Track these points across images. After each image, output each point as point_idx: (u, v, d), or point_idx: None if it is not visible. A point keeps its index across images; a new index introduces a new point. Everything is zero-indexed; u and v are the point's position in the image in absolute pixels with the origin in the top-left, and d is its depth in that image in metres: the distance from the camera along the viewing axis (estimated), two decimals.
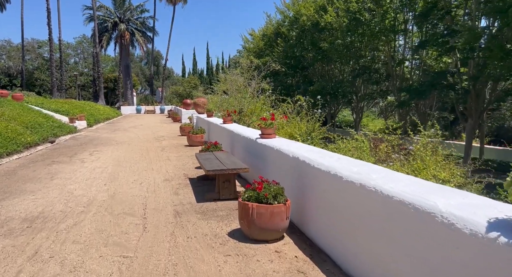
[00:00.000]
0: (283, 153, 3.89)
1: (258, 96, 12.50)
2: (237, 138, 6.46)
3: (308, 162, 3.20)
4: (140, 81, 66.63)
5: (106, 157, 8.16)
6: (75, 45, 54.05)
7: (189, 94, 33.45)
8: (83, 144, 10.67)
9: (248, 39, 30.06)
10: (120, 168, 6.89)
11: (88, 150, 9.43)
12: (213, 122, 9.63)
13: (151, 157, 8.26)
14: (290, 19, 22.92)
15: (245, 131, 6.15)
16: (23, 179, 5.90)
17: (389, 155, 5.51)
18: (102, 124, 19.70)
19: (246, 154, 5.75)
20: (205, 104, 13.49)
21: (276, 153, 4.16)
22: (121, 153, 8.80)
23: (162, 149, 9.58)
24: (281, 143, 4.46)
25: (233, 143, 6.83)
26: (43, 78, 43.47)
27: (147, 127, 17.26)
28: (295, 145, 4.17)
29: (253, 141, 5.29)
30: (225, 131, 7.73)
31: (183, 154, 8.64)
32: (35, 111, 13.33)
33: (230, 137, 7.12)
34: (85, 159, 7.87)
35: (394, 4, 15.69)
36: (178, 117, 21.34)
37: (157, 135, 13.27)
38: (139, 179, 5.93)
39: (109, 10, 37.88)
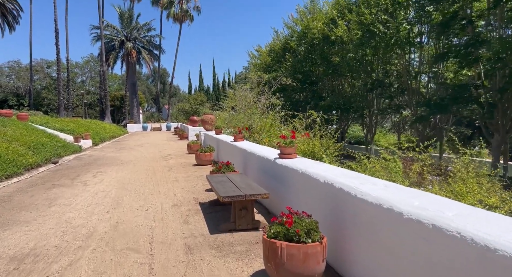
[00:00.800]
0: (310, 177, 3.35)
1: (268, 112, 12.05)
2: (251, 158, 5.93)
3: (348, 190, 2.65)
4: (146, 99, 66.97)
5: (110, 179, 7.66)
6: (82, 64, 54.70)
7: (196, 111, 33.22)
8: (87, 164, 10.21)
9: (254, 55, 29.94)
10: (125, 191, 6.37)
11: (92, 171, 8.95)
12: (223, 140, 9.13)
13: (158, 178, 7.74)
14: (299, 34, 22.66)
15: (260, 150, 5.63)
16: (18, 206, 5.40)
17: (423, 176, 4.93)
18: (108, 142, 19.34)
19: (262, 175, 5.21)
20: (213, 121, 13.05)
21: (301, 177, 3.62)
22: (126, 174, 8.30)
23: (169, 169, 9.07)
24: (305, 164, 3.92)
25: (247, 162, 6.30)
26: (51, 97, 43.73)
27: (153, 145, 16.84)
28: (322, 167, 3.63)
29: (271, 162, 4.76)
30: (237, 149, 7.22)
31: (192, 174, 8.12)
32: (39, 131, 12.99)
33: (242, 156, 6.60)
34: (88, 181, 7.37)
35: (409, 15, 15.27)
36: (185, 134, 20.94)
37: (164, 154, 12.80)
38: (145, 204, 5.39)
39: (116, 29, 38.27)
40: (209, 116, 13.33)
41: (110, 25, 37.59)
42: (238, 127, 8.08)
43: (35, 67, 48.83)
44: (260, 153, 5.43)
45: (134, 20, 38.80)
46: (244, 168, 6.43)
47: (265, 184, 4.85)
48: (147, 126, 33.59)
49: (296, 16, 23.66)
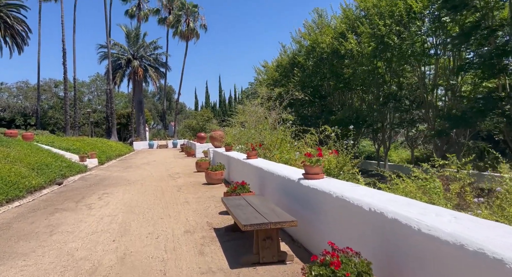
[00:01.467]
0: (350, 203, 2.86)
1: (279, 128, 11.64)
2: (269, 177, 5.46)
3: (406, 223, 2.16)
4: (152, 116, 67.19)
5: (117, 201, 7.21)
6: (89, 83, 55.22)
7: (202, 127, 32.93)
8: (92, 185, 9.79)
9: (261, 71, 29.81)
10: (132, 215, 5.90)
11: (97, 192, 8.51)
12: (234, 157, 8.68)
13: (167, 199, 7.27)
14: (307, 49, 22.45)
15: (280, 170, 5.15)
16: (17, 234, 4.95)
17: (465, 198, 4.40)
18: (114, 161, 18.99)
19: (284, 197, 4.72)
20: (222, 137, 12.64)
21: (336, 202, 3.14)
22: (133, 195, 7.85)
23: (179, 189, 8.61)
24: (338, 186, 3.45)
25: (264, 182, 5.82)
26: (57, 116, 43.91)
27: (160, 163, 16.43)
28: (361, 191, 3.14)
29: (294, 183, 4.28)
30: (251, 168, 6.76)
31: (203, 195, 7.64)
32: (44, 151, 12.66)
33: (258, 175, 6.12)
34: (93, 205, 6.92)
35: (423, 27, 14.93)
36: (192, 151, 20.55)
37: (172, 172, 12.37)
38: (154, 231, 4.91)
39: (122, 47, 38.61)
40: (218, 132, 12.93)
41: (117, 44, 37.97)
42: (251, 144, 7.64)
43: (43, 86, 49.35)
44: (280, 172, 4.96)
45: (140, 39, 39.17)
46: (261, 188, 5.95)
47: (288, 208, 4.36)
48: (154, 143, 33.34)
49: (304, 30, 23.59)
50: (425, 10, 14.53)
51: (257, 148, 7.68)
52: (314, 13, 22.70)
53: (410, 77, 17.51)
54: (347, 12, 19.73)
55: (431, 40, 15.49)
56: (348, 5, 19.95)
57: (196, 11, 40.24)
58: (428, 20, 15.11)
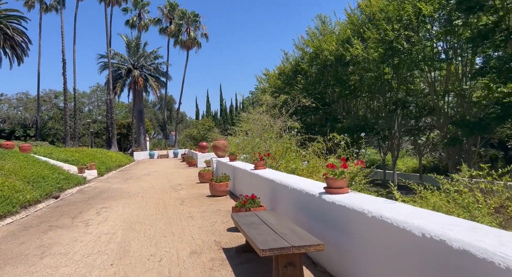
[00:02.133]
0: (395, 226, 2.38)
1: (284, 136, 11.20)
2: (282, 191, 4.98)
3: (484, 257, 1.68)
4: (153, 126, 66.90)
5: (116, 217, 6.71)
6: (89, 93, 55.03)
7: (204, 137, 32.50)
8: (90, 199, 9.29)
9: (263, 79, 29.51)
10: (133, 233, 5.41)
11: (96, 206, 8.02)
12: (240, 167, 8.21)
13: (170, 214, 6.77)
14: (310, 55, 22.09)
15: (295, 182, 4.67)
16: (4, 257, 4.45)
17: (509, 214, 3.92)
18: (114, 172, 18.49)
19: (301, 214, 4.24)
20: (226, 146, 12.18)
21: (374, 223, 2.65)
22: (134, 210, 7.35)
23: (182, 202, 8.11)
24: (369, 202, 2.97)
25: (276, 196, 5.33)
26: (57, 127, 43.60)
27: (161, 174, 15.94)
28: (404, 209, 2.66)
29: (314, 198, 3.81)
30: (260, 180, 6.28)
31: (208, 209, 7.14)
32: (41, 163, 12.19)
33: (269, 188, 5.64)
34: (90, 221, 6.42)
35: (432, 30, 14.50)
36: (194, 161, 20.06)
37: (174, 184, 11.88)
38: (157, 252, 4.41)
39: (123, 57, 38.42)
40: (221, 141, 12.48)
41: (117, 54, 37.80)
42: (259, 153, 7.18)
43: (43, 97, 49.14)
44: (295, 186, 4.48)
45: (141, 48, 39.02)
46: (272, 202, 5.46)
47: (308, 227, 3.87)
48: (154, 153, 32.86)
49: (307, 38, 23.26)
50: (435, 13, 14.09)
51: (266, 158, 7.21)
52: (317, 20, 22.47)
53: (418, 83, 17.06)
54: (352, 17, 19.39)
55: (441, 45, 15.07)
56: (353, 10, 19.63)
57: (197, 21, 40.20)
58: (439, 24, 14.70)
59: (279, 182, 5.12)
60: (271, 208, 5.42)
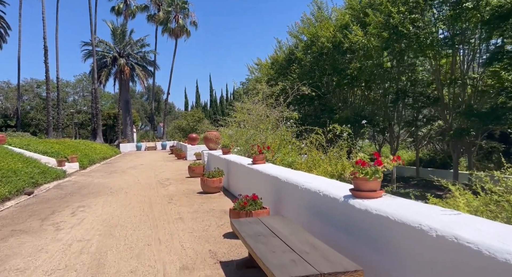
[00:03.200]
0: (487, 256, 1.61)
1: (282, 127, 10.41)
2: (289, 190, 4.19)
3: None
4: (140, 117, 65.37)
5: (94, 218, 5.84)
6: (75, 83, 53.16)
7: (193, 128, 31.47)
8: (68, 195, 8.36)
9: (255, 68, 28.44)
10: (111, 240, 4.56)
11: (72, 205, 7.12)
12: (236, 161, 7.39)
13: (156, 214, 5.94)
14: (306, 43, 21.07)
15: (306, 181, 3.88)
16: None
17: None
18: (98, 165, 17.46)
19: (316, 221, 3.46)
20: (218, 138, 11.34)
21: (441, 245, 1.88)
22: (115, 209, 6.49)
23: (170, 200, 7.28)
24: (413, 210, 2.21)
25: (281, 196, 4.55)
26: (39, 117, 41.87)
27: (148, 167, 15.00)
28: (485, 226, 1.90)
29: (338, 202, 3.03)
30: (260, 176, 5.49)
31: (200, 208, 6.33)
32: (14, 155, 11.16)
33: (272, 187, 4.85)
34: (63, 223, 5.54)
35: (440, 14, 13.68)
36: (183, 154, 19.16)
37: (161, 178, 11.01)
38: (139, 267, 3.59)
39: (108, 45, 36.83)
40: (213, 133, 11.63)
41: (102, 41, 36.19)
42: (258, 146, 6.37)
43: (25, 86, 47.19)
44: (308, 185, 3.70)
45: (127, 36, 37.45)
46: (277, 203, 4.67)
47: (329, 240, 3.09)
48: (141, 145, 31.74)
49: (302, 25, 22.22)
50: None
51: (265, 151, 6.40)
52: (313, 6, 21.43)
53: (419, 72, 16.31)
54: (352, 1, 18.43)
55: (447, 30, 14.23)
56: None
57: (186, 8, 38.78)
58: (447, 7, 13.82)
59: (285, 180, 4.33)
60: (275, 210, 4.64)
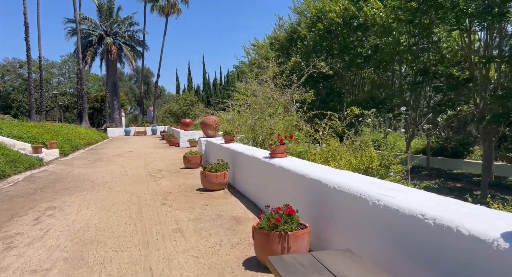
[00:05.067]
0: None
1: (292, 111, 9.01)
2: (350, 205, 2.78)
3: None
4: (129, 100, 63.14)
5: (63, 228, 4.41)
6: (60, 64, 50.44)
7: (185, 113, 29.78)
8: (38, 191, 6.88)
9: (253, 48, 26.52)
10: (80, 271, 3.15)
11: (40, 205, 5.65)
12: (245, 153, 5.96)
13: (147, 224, 4.53)
14: (311, 19, 19.23)
15: (386, 193, 2.48)
16: None
17: None
18: (82, 151, 15.87)
19: (410, 265, 2.08)
20: (217, 124, 9.89)
21: None
22: (94, 214, 5.06)
23: (164, 200, 5.87)
24: None
25: (326, 209, 3.16)
26: (21, 99, 39.48)
27: (137, 155, 13.49)
28: None
29: (463, 238, 1.64)
30: (286, 176, 4.10)
31: (203, 213, 4.93)
32: None
33: (311, 194, 3.45)
34: (18, 238, 4.10)
35: None
36: (175, 140, 17.64)
37: (152, 169, 9.56)
38: None
39: (93, 22, 34.43)
40: (212, 118, 10.15)
41: (87, 18, 33.77)
42: (278, 135, 4.95)
43: (6, 66, 44.53)
44: (390, 201, 2.30)
45: (114, 13, 35.08)
46: (318, 219, 3.28)
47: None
48: (130, 130, 30.04)
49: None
50: None
51: (287, 140, 4.99)
52: None
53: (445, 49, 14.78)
54: None
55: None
56: None
57: None
58: None
59: (337, 187, 2.94)
60: (316, 229, 3.26)
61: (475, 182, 16.23)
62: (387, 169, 6.97)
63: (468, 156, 18.54)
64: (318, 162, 7.18)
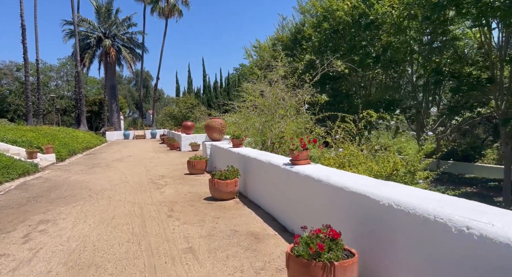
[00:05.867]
0: None
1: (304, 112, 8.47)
2: (429, 235, 2.20)
3: None
4: (128, 103, 62.57)
5: (56, 247, 3.82)
6: (59, 67, 49.87)
7: (186, 116, 29.19)
8: (31, 201, 6.28)
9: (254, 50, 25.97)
10: None
11: (31, 218, 5.06)
12: (260, 159, 5.37)
13: (152, 242, 3.94)
14: (317, 19, 18.59)
15: (476, 217, 1.90)
16: None
17: None
18: (80, 156, 15.27)
19: None
20: (224, 127, 9.32)
21: None
22: (92, 229, 4.47)
23: (170, 211, 5.28)
24: None
25: (378, 231, 2.58)
26: (18, 102, 38.88)
27: (138, 159, 12.90)
28: None
29: None
30: (314, 186, 3.53)
31: (215, 229, 4.34)
32: None
33: (354, 211, 2.87)
34: (2, 261, 3.50)
35: None
36: (176, 144, 17.06)
37: (154, 175, 8.98)
38: None
39: (92, 24, 33.86)
40: (217, 120, 9.57)
41: (85, 20, 33.21)
42: (301, 139, 4.38)
43: (3, 70, 43.96)
44: (495, 233, 1.73)
45: (112, 15, 34.52)
46: (368, 244, 2.70)
47: None
48: (129, 134, 29.43)
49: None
50: None
51: (310, 145, 4.41)
52: None
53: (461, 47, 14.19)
54: None
55: None
56: None
57: None
58: None
59: (399, 206, 2.36)
60: (361, 254, 2.67)
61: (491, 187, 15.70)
62: (412, 175, 6.42)
63: (480, 160, 18.02)
64: (332, 167, 6.62)
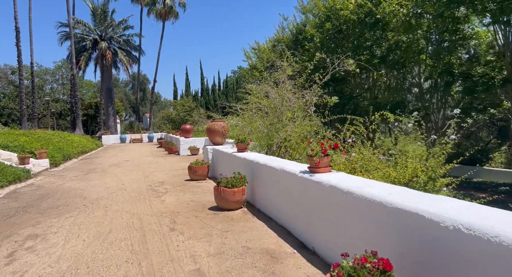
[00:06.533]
0: None
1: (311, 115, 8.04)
2: None
3: None
4: (124, 107, 61.96)
5: (44, 269, 3.34)
6: (54, 70, 49.26)
7: (184, 119, 28.69)
8: (19, 212, 5.77)
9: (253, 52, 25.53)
10: None
11: (19, 232, 4.56)
12: (272, 166, 4.90)
13: (155, 262, 3.46)
14: (320, 19, 18.14)
15: None
16: None
17: None
18: (75, 161, 14.73)
19: None
20: (226, 130, 8.85)
21: None
22: (85, 246, 3.98)
23: (172, 223, 4.80)
24: None
25: (433, 257, 2.12)
26: (12, 106, 38.20)
27: (135, 164, 12.39)
28: None
29: None
30: (347, 203, 3.07)
31: (225, 246, 3.87)
32: None
33: (405, 234, 2.41)
34: None
35: None
36: (175, 148, 16.56)
37: (153, 181, 8.48)
38: None
39: (87, 26, 33.32)
40: (219, 123, 9.10)
41: (80, 22, 32.68)
42: (322, 143, 3.93)
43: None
44: None
45: (108, 17, 34.03)
46: (416, 269, 2.24)
47: None
48: (126, 137, 28.89)
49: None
50: None
51: (331, 151, 3.95)
52: None
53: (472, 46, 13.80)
54: None
55: None
56: None
57: None
58: None
59: (472, 230, 1.91)
60: None
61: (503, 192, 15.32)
62: (433, 182, 5.97)
63: (487, 163, 17.69)
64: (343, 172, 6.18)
